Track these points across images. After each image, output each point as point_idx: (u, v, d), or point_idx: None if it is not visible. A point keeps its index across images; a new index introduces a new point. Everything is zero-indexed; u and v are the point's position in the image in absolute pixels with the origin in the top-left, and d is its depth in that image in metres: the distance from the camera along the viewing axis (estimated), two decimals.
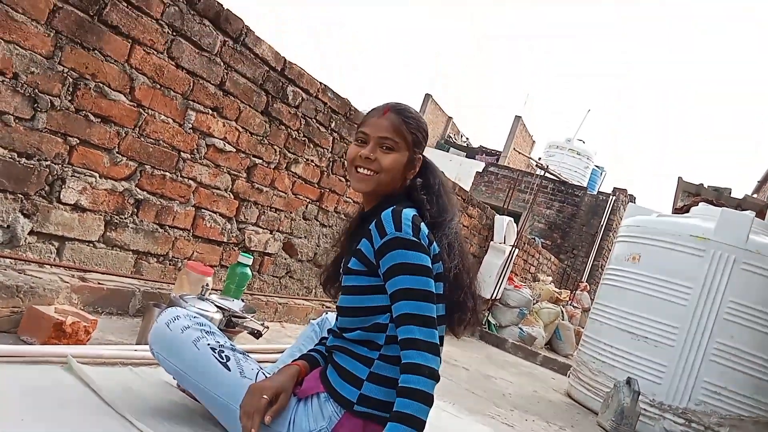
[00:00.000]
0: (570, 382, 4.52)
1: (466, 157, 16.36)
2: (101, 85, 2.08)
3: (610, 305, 4.27)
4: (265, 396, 1.32)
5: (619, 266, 4.34)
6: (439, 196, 1.53)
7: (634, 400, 3.51)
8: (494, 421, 2.73)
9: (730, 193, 7.27)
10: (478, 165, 14.47)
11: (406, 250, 1.32)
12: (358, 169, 1.46)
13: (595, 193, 13.43)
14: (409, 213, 1.38)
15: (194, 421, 1.45)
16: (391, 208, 1.38)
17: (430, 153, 14.11)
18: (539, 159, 16.29)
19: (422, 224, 1.40)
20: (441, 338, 1.53)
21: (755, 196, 9.11)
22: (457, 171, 13.04)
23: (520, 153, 17.27)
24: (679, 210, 5.00)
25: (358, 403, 1.36)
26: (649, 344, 3.87)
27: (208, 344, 1.42)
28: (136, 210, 2.36)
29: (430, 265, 1.34)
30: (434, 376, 1.26)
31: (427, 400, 1.24)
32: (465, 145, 19.10)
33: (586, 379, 4.21)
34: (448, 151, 16.90)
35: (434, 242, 1.42)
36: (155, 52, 2.24)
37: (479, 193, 13.65)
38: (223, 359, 1.40)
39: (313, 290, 3.55)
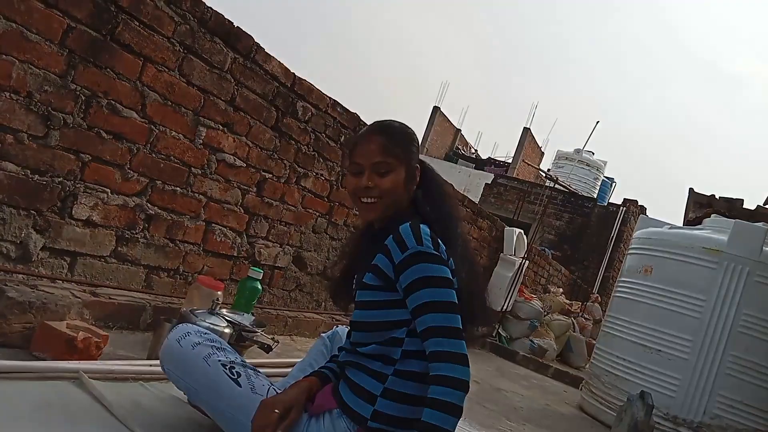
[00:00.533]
0: (582, 395, 4.48)
1: (474, 168, 16.36)
2: (113, 102, 2.11)
3: (623, 317, 4.23)
4: (276, 411, 1.32)
5: (631, 278, 4.31)
6: (441, 204, 1.52)
7: (647, 413, 3.47)
8: None
9: (743, 204, 7.20)
10: (487, 177, 14.45)
11: (429, 263, 1.32)
12: (362, 199, 1.46)
13: (605, 204, 13.36)
14: (426, 228, 1.38)
15: None
16: (408, 222, 1.38)
17: (438, 165, 14.12)
18: (548, 170, 16.26)
19: (438, 239, 1.40)
20: None
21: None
22: (466, 183, 13.04)
23: (529, 164, 17.25)
24: (691, 222, 4.96)
25: (372, 419, 1.36)
26: (663, 357, 3.83)
27: (219, 360, 1.42)
28: (147, 225, 2.38)
29: (451, 277, 1.34)
30: (464, 387, 1.25)
31: (456, 411, 1.24)
32: (473, 156, 19.11)
33: (599, 393, 4.17)
34: (456, 163, 16.90)
35: (450, 257, 1.42)
36: (167, 70, 2.27)
37: (488, 205, 13.62)
38: (234, 375, 1.40)
39: (323, 303, 3.55)
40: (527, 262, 6.56)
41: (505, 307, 6.25)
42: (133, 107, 2.19)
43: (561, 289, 8.40)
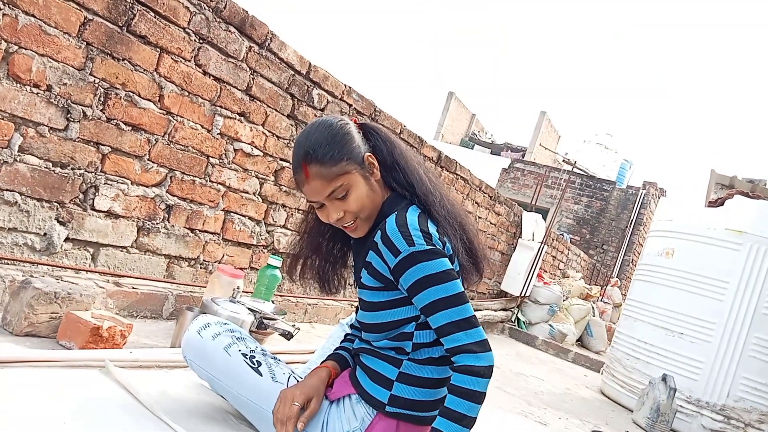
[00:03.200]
0: (603, 379, 4.46)
1: (491, 153, 16.25)
2: (131, 94, 2.13)
3: (644, 301, 4.20)
4: (296, 403, 1.33)
5: (653, 261, 4.27)
6: (405, 168, 1.41)
7: (670, 397, 3.45)
8: (528, 420, 2.71)
9: (765, 184, 7.08)
10: (504, 161, 14.36)
11: (425, 261, 1.27)
12: (342, 226, 1.39)
13: (624, 187, 13.20)
14: (413, 219, 1.31)
15: (229, 423, 1.47)
16: (394, 217, 1.32)
17: (455, 151, 14.07)
18: (566, 154, 16.09)
19: (429, 223, 1.34)
20: None
21: None
22: (483, 168, 12.96)
23: (546, 148, 17.08)
24: (713, 203, 4.88)
25: (390, 404, 1.36)
26: (685, 340, 3.80)
27: (240, 350, 1.44)
28: (167, 215, 2.40)
29: (451, 267, 1.30)
30: (488, 374, 1.24)
31: (481, 399, 1.24)
32: (490, 141, 18.96)
33: (620, 376, 4.15)
34: (472, 149, 16.81)
35: (446, 239, 1.36)
36: (183, 60, 2.28)
37: (505, 190, 13.54)
38: (254, 365, 1.42)
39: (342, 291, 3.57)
40: (546, 247, 6.52)
41: (524, 292, 6.23)
42: (150, 98, 2.20)
43: (580, 274, 8.35)
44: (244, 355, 1.44)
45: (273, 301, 2.60)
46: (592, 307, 7.40)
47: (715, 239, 3.84)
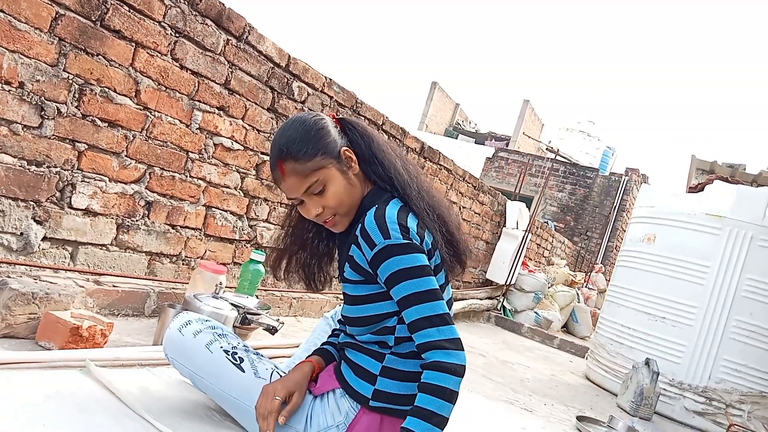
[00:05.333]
0: (588, 365, 4.51)
1: (475, 143, 16.28)
2: (107, 89, 2.09)
3: (627, 287, 4.25)
4: (278, 397, 1.32)
5: (635, 247, 4.31)
6: (383, 161, 1.40)
7: (653, 380, 3.50)
8: (513, 406, 2.73)
9: (745, 169, 7.17)
10: (488, 150, 14.40)
11: (400, 255, 1.26)
12: (323, 221, 1.40)
13: (607, 174, 13.31)
14: (392, 213, 1.31)
15: (213, 419, 1.47)
16: (374, 210, 1.32)
17: (440, 141, 14.08)
18: (549, 142, 16.17)
19: (409, 217, 1.33)
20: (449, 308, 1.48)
21: None
22: (467, 157, 12.98)
23: (529, 137, 17.15)
24: (694, 189, 4.94)
25: (374, 399, 1.37)
26: (667, 324, 3.85)
27: (221, 347, 1.43)
28: (147, 212, 2.37)
29: (427, 263, 1.29)
30: (460, 373, 1.23)
31: (453, 397, 1.22)
32: (474, 131, 19.00)
33: (604, 361, 4.20)
34: (457, 138, 16.83)
35: (426, 233, 1.36)
36: (159, 55, 2.25)
37: (490, 179, 13.59)
38: (236, 361, 1.41)
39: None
40: (530, 235, 6.56)
41: (509, 281, 6.27)
42: (127, 94, 2.17)
43: (565, 261, 8.42)
44: (226, 351, 1.43)
45: (257, 296, 2.59)
46: (577, 294, 7.47)
47: (695, 224, 3.89)
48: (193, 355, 1.42)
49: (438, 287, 1.29)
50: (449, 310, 1.44)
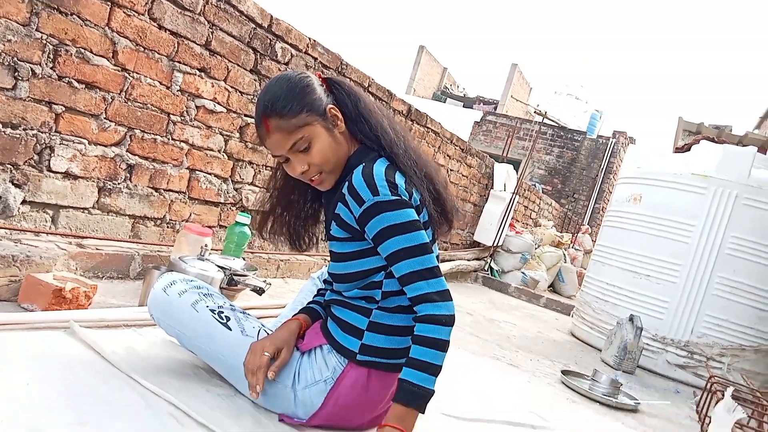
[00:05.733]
0: (573, 322, 4.59)
1: (463, 107, 16.17)
2: (83, 50, 2.04)
3: (612, 246, 4.29)
4: (266, 353, 1.33)
5: (621, 208, 4.35)
6: (369, 119, 1.40)
7: (637, 336, 3.57)
8: (500, 362, 2.78)
9: (731, 130, 7.20)
10: (476, 114, 14.32)
11: (389, 211, 1.27)
12: (309, 179, 1.39)
13: (595, 137, 13.32)
14: (380, 170, 1.31)
15: (200, 377, 1.48)
16: (361, 168, 1.32)
17: (427, 105, 13.97)
18: (537, 105, 16.10)
19: (397, 174, 1.34)
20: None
21: (756, 132, 9.02)
22: (455, 121, 12.90)
23: (517, 100, 17.05)
24: (680, 149, 4.96)
25: (361, 353, 1.38)
26: (652, 282, 3.91)
27: (207, 306, 1.43)
28: (129, 175, 2.34)
29: (417, 217, 1.31)
30: (450, 322, 1.27)
31: (445, 347, 1.26)
32: (462, 95, 18.85)
33: (590, 318, 4.27)
34: (444, 102, 16.70)
35: (413, 190, 1.36)
36: (136, 14, 2.18)
37: (478, 143, 13.56)
38: (223, 320, 1.41)
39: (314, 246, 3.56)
40: (517, 197, 6.58)
41: (496, 242, 6.31)
42: (104, 55, 2.12)
43: (552, 222, 8.48)
44: (212, 310, 1.43)
45: (243, 258, 2.59)
46: (564, 254, 7.55)
47: (681, 184, 3.92)
48: (178, 315, 1.42)
49: (427, 241, 1.31)
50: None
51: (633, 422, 2.40)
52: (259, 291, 2.25)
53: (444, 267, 5.13)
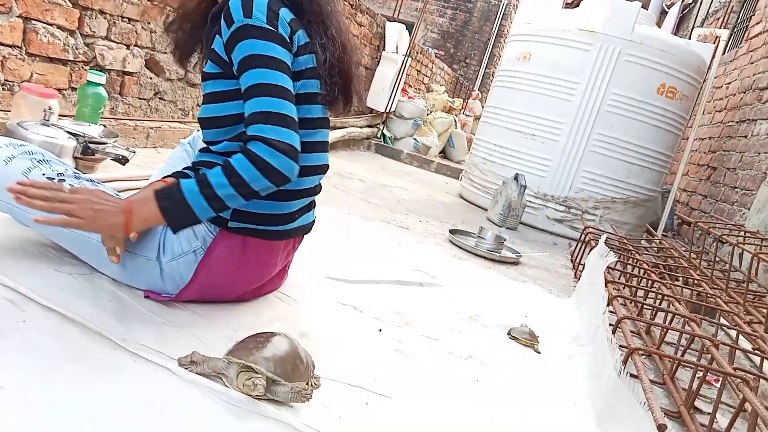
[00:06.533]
0: (462, 185, 4.70)
1: None
2: None
3: (501, 107, 4.31)
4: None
5: (511, 66, 4.31)
6: None
7: (521, 194, 3.69)
8: (390, 225, 2.77)
9: None
10: None
11: (256, 39, 1.11)
12: None
13: None
14: None
15: (49, 257, 1.28)
16: None
17: None
18: None
19: (283, 9, 1.18)
20: (325, 143, 1.39)
21: None
22: None
23: None
24: (570, 4, 4.91)
25: (233, 219, 1.25)
26: (537, 141, 4.00)
27: (44, 174, 1.20)
28: None
29: (285, 59, 1.15)
30: (274, 177, 1.08)
31: (244, 189, 1.08)
32: None
33: (477, 180, 4.37)
34: None
35: (301, 30, 1.21)
36: None
37: (369, 2, 12.90)
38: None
39: (190, 112, 3.26)
40: (410, 59, 6.39)
41: (389, 108, 6.19)
42: None
43: (444, 88, 8.43)
44: (51, 179, 1.21)
45: (103, 125, 2.28)
46: (455, 120, 7.61)
47: (569, 40, 3.90)
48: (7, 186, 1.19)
49: (289, 88, 1.14)
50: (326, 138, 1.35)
51: (514, 273, 2.51)
52: (122, 160, 2.01)
53: (335, 134, 4.97)
